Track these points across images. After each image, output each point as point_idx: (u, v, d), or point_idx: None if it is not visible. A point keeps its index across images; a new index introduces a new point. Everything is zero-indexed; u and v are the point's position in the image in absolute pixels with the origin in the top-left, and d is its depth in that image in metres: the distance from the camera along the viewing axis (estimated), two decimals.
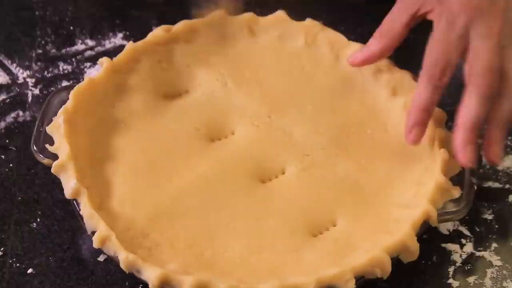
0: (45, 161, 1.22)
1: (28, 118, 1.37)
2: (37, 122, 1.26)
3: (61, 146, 1.21)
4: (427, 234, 1.21)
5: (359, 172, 1.25)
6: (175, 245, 1.17)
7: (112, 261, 1.18)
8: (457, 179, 1.22)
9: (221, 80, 1.34)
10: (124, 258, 1.12)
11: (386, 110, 1.30)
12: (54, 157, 1.21)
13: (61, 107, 1.26)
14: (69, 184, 1.19)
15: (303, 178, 1.24)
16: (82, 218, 1.17)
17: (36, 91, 1.41)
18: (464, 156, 1.19)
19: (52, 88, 1.41)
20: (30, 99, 1.40)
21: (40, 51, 1.47)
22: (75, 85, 1.28)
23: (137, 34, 1.37)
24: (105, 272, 1.21)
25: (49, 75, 1.44)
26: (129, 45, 1.33)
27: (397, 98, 1.30)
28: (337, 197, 1.22)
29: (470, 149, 1.20)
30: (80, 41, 1.49)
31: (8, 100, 1.40)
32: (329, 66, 1.35)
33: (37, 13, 1.53)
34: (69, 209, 1.26)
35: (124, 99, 1.30)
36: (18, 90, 1.41)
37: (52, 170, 1.20)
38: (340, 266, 1.12)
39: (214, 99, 1.32)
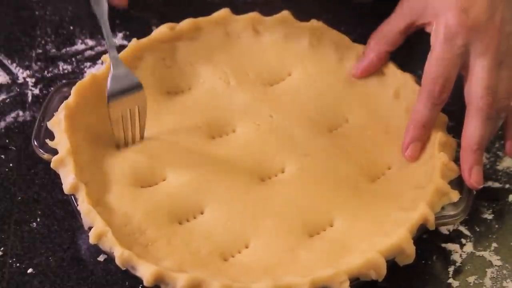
0: (45, 156, 1.23)
1: (28, 118, 1.37)
2: (38, 117, 1.26)
3: (61, 141, 1.22)
4: (427, 234, 1.21)
5: (358, 173, 1.24)
6: (171, 242, 1.17)
7: (112, 261, 1.18)
8: (456, 183, 1.22)
9: (224, 79, 1.34)
10: (119, 254, 1.12)
11: (387, 112, 1.30)
12: (55, 152, 1.22)
13: (62, 102, 1.26)
14: (68, 179, 1.19)
15: (302, 178, 1.24)
16: (79, 214, 1.17)
17: (36, 91, 1.41)
18: (471, 178, 1.21)
19: (52, 88, 1.41)
20: (30, 99, 1.40)
21: (40, 51, 1.47)
22: (77, 81, 1.28)
23: (137, 34, 1.37)
24: (105, 272, 1.21)
25: (49, 75, 1.44)
26: (133, 42, 1.34)
27: (399, 101, 1.30)
28: (335, 198, 1.22)
29: (476, 171, 1.21)
30: (80, 41, 1.49)
31: (8, 100, 1.40)
32: (332, 67, 1.35)
33: (37, 13, 1.53)
34: (69, 209, 1.26)
35: None
36: (18, 90, 1.41)
37: (52, 165, 1.21)
38: (335, 267, 1.12)
39: (216, 97, 1.32)
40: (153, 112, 1.29)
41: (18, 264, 1.21)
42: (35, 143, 1.24)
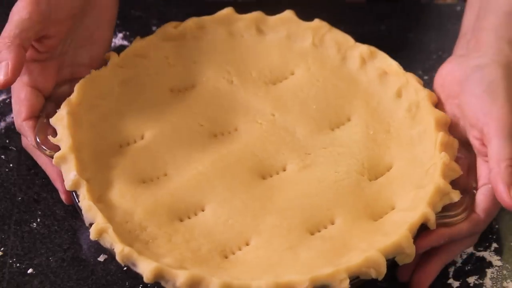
0: (47, 152, 1.22)
1: None
2: (40, 114, 1.26)
3: (63, 138, 1.21)
4: None
5: (360, 172, 1.25)
6: (172, 240, 1.17)
7: (112, 261, 1.18)
8: (456, 183, 1.21)
9: (227, 78, 1.34)
10: (119, 250, 1.12)
11: (389, 112, 1.30)
12: (57, 149, 1.21)
13: (65, 99, 1.25)
14: (69, 176, 1.19)
15: (303, 176, 1.24)
16: (80, 210, 1.17)
17: None
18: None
19: None
20: None
21: None
22: (80, 78, 1.28)
23: (137, 34, 1.36)
24: (105, 272, 1.21)
25: None
26: (137, 40, 1.34)
27: (401, 100, 1.30)
28: (336, 197, 1.22)
29: None
30: None
31: (8, 100, 1.40)
32: (335, 67, 1.35)
33: None
34: (69, 209, 1.26)
35: (129, 94, 1.30)
36: None
37: (53, 162, 1.20)
38: (335, 265, 1.12)
39: (219, 96, 1.32)
40: (155, 109, 1.29)
41: (18, 264, 1.21)
42: (38, 139, 1.24)
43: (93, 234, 1.14)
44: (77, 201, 1.18)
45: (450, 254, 1.21)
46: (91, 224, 1.15)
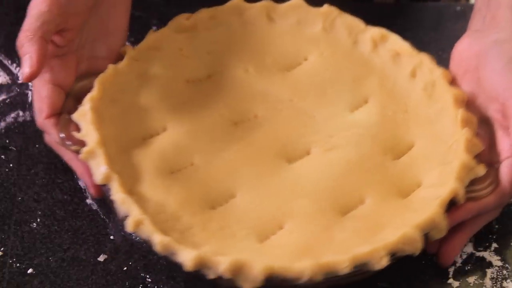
0: (73, 148, 1.23)
1: (28, 118, 1.37)
2: (61, 110, 1.26)
3: (88, 133, 1.21)
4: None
5: (382, 152, 1.26)
6: (207, 227, 1.17)
7: (112, 261, 1.18)
8: (479, 158, 1.22)
9: (242, 67, 1.35)
10: (159, 241, 1.12)
11: (406, 92, 1.31)
12: (81, 144, 1.21)
13: (83, 95, 1.25)
14: (100, 170, 1.19)
15: (329, 158, 1.25)
16: (112, 203, 1.17)
17: None
18: None
19: None
20: (30, 99, 1.40)
21: None
22: (99, 72, 1.27)
23: (137, 34, 1.37)
24: (105, 272, 1.21)
25: None
26: (150, 34, 1.34)
27: (416, 80, 1.31)
28: (363, 177, 1.23)
29: None
30: None
31: (8, 100, 1.40)
32: (347, 50, 1.36)
33: None
34: (69, 209, 1.26)
35: (147, 87, 1.30)
36: (18, 90, 1.41)
37: (81, 157, 1.20)
38: (371, 243, 1.13)
39: (236, 84, 1.33)
40: (174, 101, 1.30)
41: (18, 264, 1.21)
42: (62, 135, 1.23)
43: (130, 226, 1.14)
44: (108, 195, 1.18)
45: (475, 226, 1.23)
46: (125, 217, 1.15)
